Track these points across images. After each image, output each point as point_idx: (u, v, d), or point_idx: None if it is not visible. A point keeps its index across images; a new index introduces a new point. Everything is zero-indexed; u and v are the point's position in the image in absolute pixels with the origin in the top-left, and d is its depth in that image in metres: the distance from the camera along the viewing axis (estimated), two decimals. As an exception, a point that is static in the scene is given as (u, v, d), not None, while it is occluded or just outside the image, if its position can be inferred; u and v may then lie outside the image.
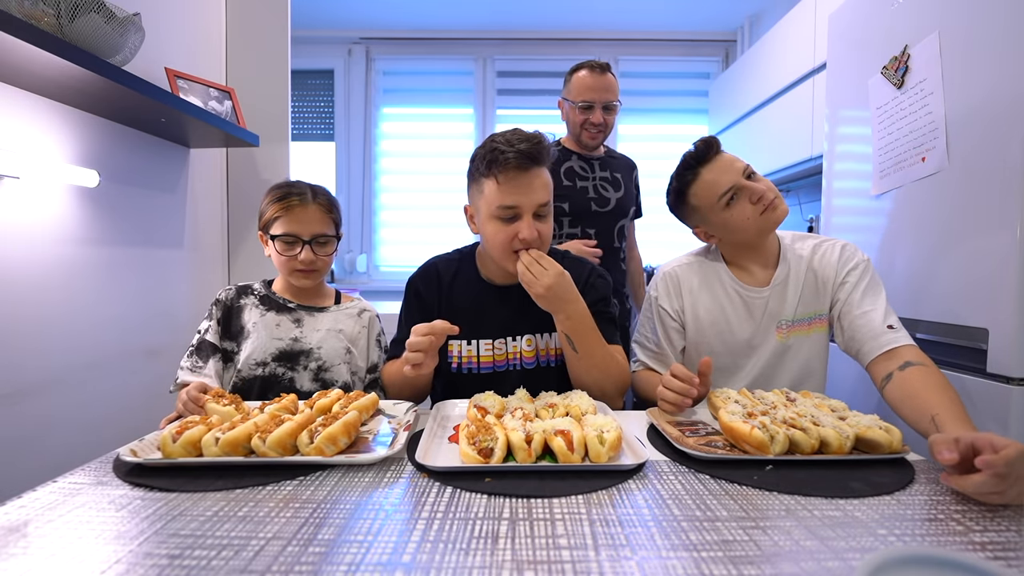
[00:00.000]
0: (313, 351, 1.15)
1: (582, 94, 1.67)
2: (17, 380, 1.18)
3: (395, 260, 3.24)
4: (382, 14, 2.97)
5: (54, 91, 1.22)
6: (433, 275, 1.19)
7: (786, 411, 0.83)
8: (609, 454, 0.72)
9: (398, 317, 1.23)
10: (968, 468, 0.63)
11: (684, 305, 1.18)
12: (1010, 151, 1.02)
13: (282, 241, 1.13)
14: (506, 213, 1.02)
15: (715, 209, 1.11)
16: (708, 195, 1.11)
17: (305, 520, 0.58)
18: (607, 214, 1.71)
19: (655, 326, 1.21)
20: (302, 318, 1.18)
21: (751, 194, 1.07)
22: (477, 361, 1.13)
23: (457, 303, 1.16)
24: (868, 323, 1.05)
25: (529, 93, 3.17)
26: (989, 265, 1.06)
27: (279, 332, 1.15)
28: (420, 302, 1.18)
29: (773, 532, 0.56)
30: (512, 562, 0.50)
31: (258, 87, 1.97)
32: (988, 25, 1.07)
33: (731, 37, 3.12)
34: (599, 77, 1.67)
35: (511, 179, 1.00)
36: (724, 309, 1.16)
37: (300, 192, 1.15)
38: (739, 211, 1.09)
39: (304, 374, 1.14)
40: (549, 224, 1.07)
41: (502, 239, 1.04)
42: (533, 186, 1.02)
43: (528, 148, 0.99)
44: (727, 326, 1.15)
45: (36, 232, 1.23)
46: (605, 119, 1.68)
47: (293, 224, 1.13)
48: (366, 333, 1.24)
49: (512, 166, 0.99)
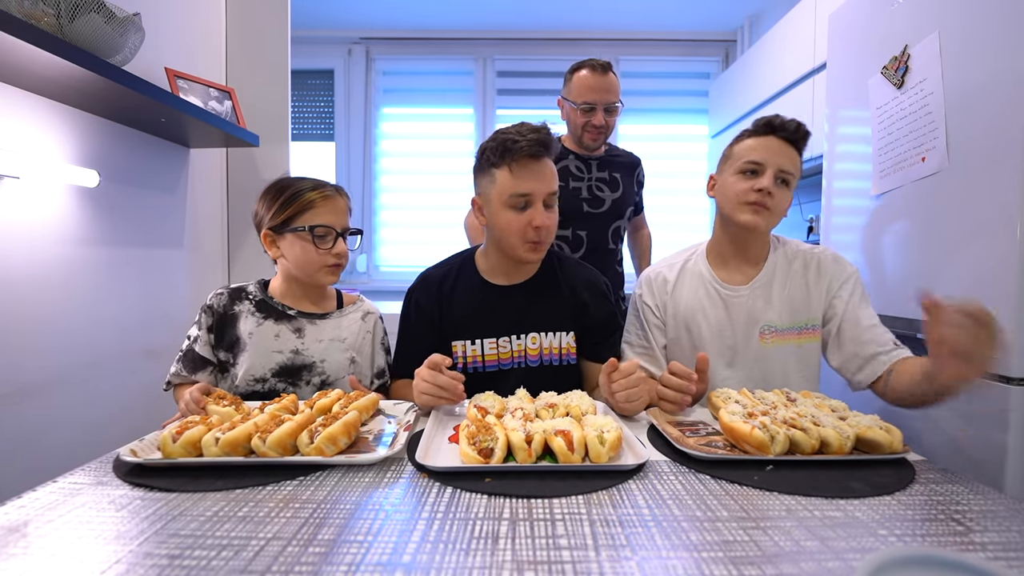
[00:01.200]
0: (316, 365, 1.10)
1: (583, 95, 1.63)
2: (17, 380, 1.18)
3: (395, 260, 3.24)
4: (382, 14, 2.97)
5: (54, 91, 1.22)
6: (431, 285, 1.19)
7: (786, 411, 0.83)
8: (609, 454, 0.72)
9: (398, 330, 1.22)
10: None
11: (665, 301, 1.19)
12: (1010, 151, 1.02)
13: (317, 234, 1.08)
14: (519, 201, 1.05)
15: (734, 166, 1.12)
16: (743, 154, 1.11)
17: (305, 520, 0.58)
18: (600, 215, 1.69)
19: (641, 323, 1.22)
20: (303, 327, 1.12)
21: (758, 183, 1.08)
22: (482, 360, 1.15)
23: (458, 308, 1.16)
24: (875, 338, 1.05)
25: (529, 93, 3.17)
26: (989, 265, 1.06)
27: (278, 344, 1.09)
28: (420, 313, 1.18)
29: (773, 532, 0.56)
30: (512, 562, 0.50)
31: (258, 87, 1.97)
32: (988, 25, 1.07)
33: (731, 37, 3.11)
34: (601, 77, 1.63)
35: (524, 167, 1.04)
36: (703, 305, 1.16)
37: (321, 184, 1.12)
38: (740, 186, 1.10)
39: (307, 389, 1.09)
40: (556, 213, 1.10)
41: (516, 227, 1.07)
42: (545, 174, 1.05)
43: (539, 137, 1.03)
44: (705, 322, 1.15)
45: (36, 232, 1.22)
46: (607, 121, 1.65)
47: (328, 215, 1.09)
48: (371, 338, 1.20)
49: (525, 154, 1.03)
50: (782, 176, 1.09)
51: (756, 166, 1.09)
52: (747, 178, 1.10)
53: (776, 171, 1.08)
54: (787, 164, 1.09)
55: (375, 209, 3.21)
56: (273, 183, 1.14)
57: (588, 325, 1.18)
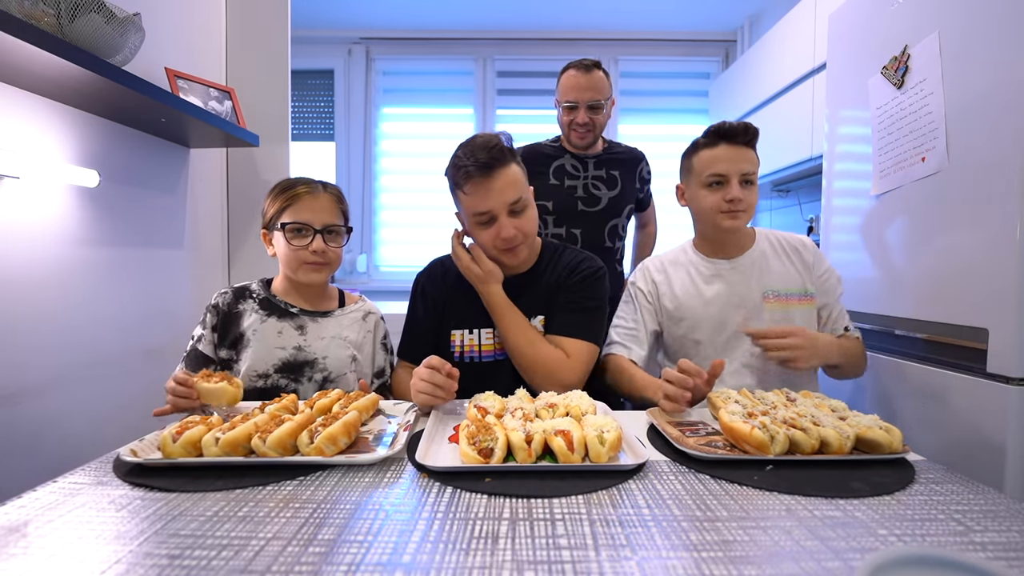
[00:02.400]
0: (318, 361, 1.11)
1: (566, 95, 1.65)
2: (17, 380, 1.18)
3: (395, 260, 3.24)
4: (382, 14, 2.97)
5: (54, 91, 1.22)
6: (438, 272, 1.25)
7: (786, 411, 0.83)
8: (609, 454, 0.72)
9: (406, 316, 1.26)
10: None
11: (658, 285, 1.26)
12: (1010, 151, 1.02)
13: (292, 230, 1.09)
14: (483, 218, 1.08)
15: (699, 182, 1.19)
16: (704, 167, 1.18)
17: (305, 520, 0.58)
18: (596, 213, 1.69)
19: (632, 307, 1.28)
20: (305, 324, 1.14)
21: (727, 193, 1.15)
22: (479, 349, 1.17)
23: (459, 296, 1.19)
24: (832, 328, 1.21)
25: (529, 93, 3.17)
26: (989, 265, 1.06)
27: (281, 340, 1.10)
28: (425, 298, 1.23)
29: (773, 532, 0.56)
30: (512, 562, 0.50)
31: (258, 87, 1.97)
32: (988, 25, 1.07)
33: (731, 37, 3.12)
34: (582, 76, 1.64)
35: (477, 187, 1.06)
36: (696, 283, 1.23)
37: (308, 182, 1.14)
38: (711, 199, 1.18)
39: (308, 386, 1.10)
40: (528, 216, 1.12)
41: (486, 241, 1.11)
42: (498, 188, 1.06)
43: (485, 157, 1.04)
44: (700, 299, 1.21)
45: (36, 232, 1.22)
46: (591, 119, 1.64)
47: (303, 212, 1.10)
48: (371, 338, 1.21)
49: (475, 176, 1.05)
50: (745, 179, 1.16)
51: (720, 178, 1.16)
52: (715, 190, 1.18)
53: (739, 177, 1.16)
54: (747, 167, 1.16)
55: (375, 209, 3.21)
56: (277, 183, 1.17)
57: (553, 301, 1.17)
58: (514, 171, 1.09)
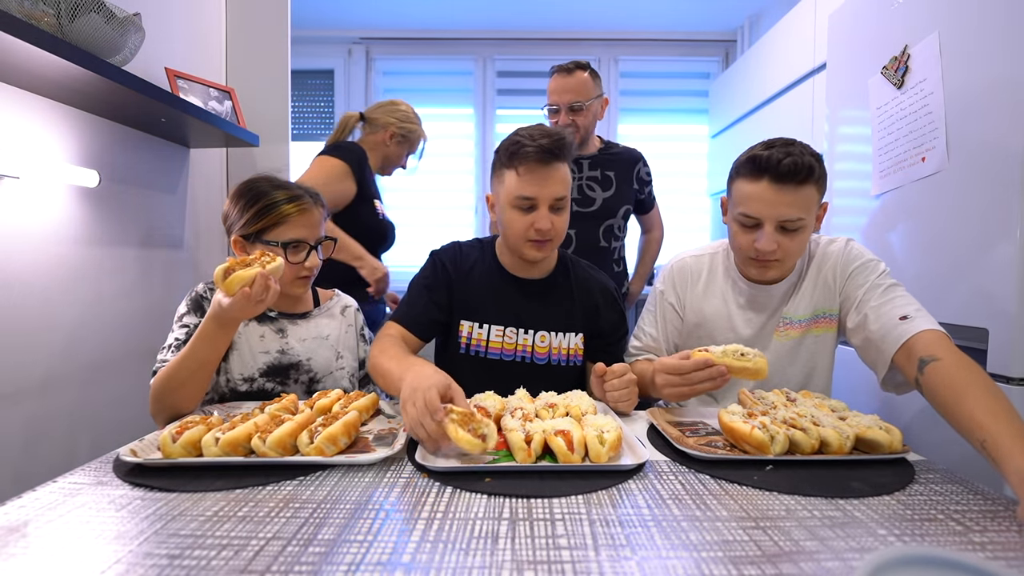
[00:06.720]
0: (302, 363, 1.11)
1: (549, 98, 1.66)
2: (17, 380, 1.18)
3: (395, 260, 3.23)
4: (382, 14, 2.97)
5: (54, 91, 1.22)
6: (457, 254, 1.21)
7: (786, 411, 0.83)
8: (609, 454, 0.72)
9: (413, 280, 1.20)
10: None
11: (688, 298, 1.18)
12: (1010, 151, 1.02)
13: (292, 249, 1.06)
14: (524, 203, 1.06)
15: (734, 212, 1.05)
16: (738, 200, 1.03)
17: (305, 520, 0.58)
18: (590, 214, 1.68)
19: (656, 319, 1.21)
20: (285, 328, 1.12)
21: (757, 244, 0.99)
22: (485, 345, 1.15)
23: (472, 285, 1.17)
24: (879, 318, 0.95)
25: (529, 93, 3.16)
26: (989, 265, 1.06)
27: (264, 345, 1.09)
28: (438, 275, 1.18)
29: (773, 532, 0.56)
30: (512, 562, 0.50)
31: (258, 87, 1.97)
32: (988, 25, 1.07)
33: (731, 37, 3.11)
34: (563, 79, 1.64)
35: (530, 171, 1.05)
36: (728, 305, 1.14)
37: (291, 197, 1.07)
38: (741, 239, 1.04)
39: (295, 388, 1.10)
40: (565, 218, 1.11)
41: (519, 228, 1.08)
42: (551, 179, 1.06)
43: (548, 143, 1.04)
44: (729, 322, 1.14)
45: (36, 232, 1.22)
46: (574, 120, 1.64)
47: (302, 229, 1.07)
48: (352, 331, 1.22)
49: (532, 159, 1.04)
50: (785, 225, 0.97)
51: (752, 220, 0.99)
52: (746, 231, 1.01)
53: (776, 224, 0.97)
54: (788, 212, 0.96)
55: (375, 209, 3.21)
56: (246, 185, 1.10)
57: (599, 329, 1.19)
58: (567, 170, 1.09)
